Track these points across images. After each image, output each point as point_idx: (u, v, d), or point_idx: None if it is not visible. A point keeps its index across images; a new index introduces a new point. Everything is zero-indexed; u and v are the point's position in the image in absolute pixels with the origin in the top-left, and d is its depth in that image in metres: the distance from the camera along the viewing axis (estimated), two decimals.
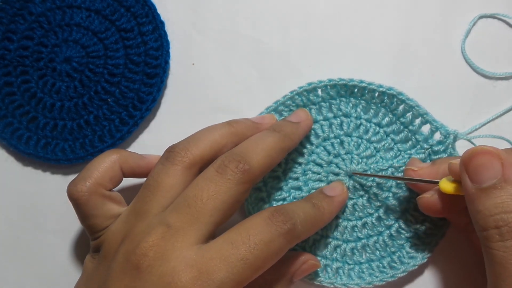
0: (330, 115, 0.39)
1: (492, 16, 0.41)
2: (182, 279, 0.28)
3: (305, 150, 0.39)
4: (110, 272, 0.30)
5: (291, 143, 0.35)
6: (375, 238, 0.38)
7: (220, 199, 0.30)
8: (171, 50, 0.42)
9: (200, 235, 0.30)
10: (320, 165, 0.39)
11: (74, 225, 0.41)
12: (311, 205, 0.34)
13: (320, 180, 0.39)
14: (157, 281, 0.28)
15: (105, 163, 0.34)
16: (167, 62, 0.41)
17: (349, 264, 0.38)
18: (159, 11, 0.42)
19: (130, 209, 0.33)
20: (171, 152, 0.33)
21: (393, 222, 0.38)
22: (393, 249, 0.38)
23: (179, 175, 0.32)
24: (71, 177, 0.41)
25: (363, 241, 0.38)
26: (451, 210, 0.33)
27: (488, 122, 0.39)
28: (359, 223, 0.38)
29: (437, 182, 0.33)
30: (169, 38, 0.42)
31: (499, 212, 0.28)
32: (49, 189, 0.41)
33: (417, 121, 0.38)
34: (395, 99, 0.38)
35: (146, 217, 0.31)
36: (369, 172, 0.38)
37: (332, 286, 0.37)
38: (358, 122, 0.39)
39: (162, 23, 0.42)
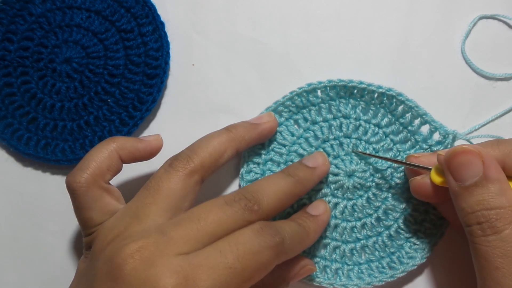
0: (329, 116, 0.40)
1: (492, 17, 0.43)
2: (167, 285, 0.28)
3: (304, 152, 0.40)
4: (96, 272, 0.30)
5: (303, 189, 0.36)
6: (374, 238, 0.39)
7: (224, 228, 0.31)
8: (171, 51, 0.43)
9: (192, 246, 0.30)
10: None
11: (74, 225, 0.42)
12: (297, 224, 0.35)
13: (320, 181, 0.40)
14: (140, 285, 0.28)
15: (103, 153, 0.35)
16: (167, 63, 0.43)
17: (348, 265, 0.39)
18: (159, 12, 0.44)
19: (128, 208, 0.34)
20: (174, 160, 0.35)
21: (392, 222, 0.39)
22: (392, 250, 0.39)
23: (181, 182, 0.34)
24: None
25: (362, 241, 0.40)
26: (440, 195, 0.35)
27: (488, 122, 0.41)
28: (358, 224, 0.40)
29: (430, 169, 0.35)
30: (169, 39, 0.43)
31: (480, 209, 0.31)
32: (49, 189, 0.43)
33: (417, 121, 0.39)
34: (394, 100, 0.39)
35: (143, 220, 0.32)
36: (368, 173, 0.39)
37: (331, 287, 0.38)
38: (357, 123, 0.40)
39: (162, 24, 0.43)
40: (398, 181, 0.39)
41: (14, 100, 0.43)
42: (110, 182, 0.36)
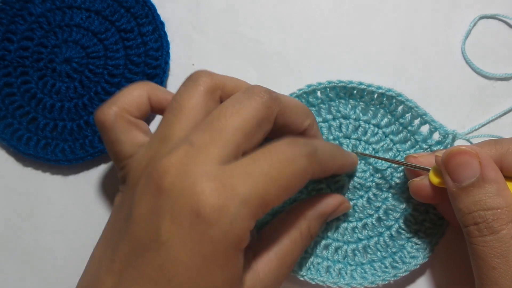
0: (329, 117, 0.41)
1: (492, 17, 0.43)
2: (205, 191, 0.28)
3: None
4: (134, 197, 0.30)
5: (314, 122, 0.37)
6: (376, 239, 0.40)
7: (243, 116, 0.30)
8: (171, 51, 0.44)
9: (223, 154, 0.30)
10: None
11: (74, 225, 0.42)
12: (328, 142, 0.36)
13: (321, 182, 0.40)
14: (181, 195, 0.28)
15: (134, 91, 0.36)
16: (167, 63, 0.43)
17: (351, 265, 0.39)
18: (159, 11, 0.44)
19: (154, 135, 0.34)
20: (194, 74, 0.34)
21: (393, 222, 0.39)
22: (394, 250, 0.39)
23: (202, 96, 0.33)
24: (71, 178, 0.43)
25: (363, 242, 0.40)
26: (439, 196, 0.35)
27: (488, 122, 0.41)
28: (359, 224, 0.40)
29: (428, 169, 0.35)
30: (169, 38, 0.44)
31: (477, 210, 0.31)
32: (49, 189, 0.43)
33: (416, 121, 0.40)
34: (394, 100, 0.40)
35: (170, 140, 0.32)
36: (368, 173, 0.40)
37: (335, 286, 0.38)
38: (357, 123, 0.40)
39: (162, 23, 0.44)
40: (398, 181, 0.39)
41: (14, 100, 0.43)
42: None
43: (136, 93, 0.36)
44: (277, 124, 0.33)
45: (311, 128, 0.36)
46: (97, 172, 0.43)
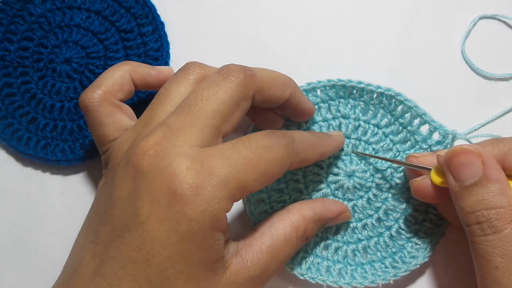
0: (329, 116, 0.41)
1: (492, 17, 0.43)
2: (183, 170, 0.28)
3: None
4: (114, 179, 0.31)
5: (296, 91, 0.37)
6: (376, 239, 0.40)
7: (220, 99, 0.31)
8: (171, 51, 0.44)
9: (201, 137, 0.30)
10: (320, 167, 0.40)
11: (74, 226, 0.42)
12: (309, 132, 0.36)
13: (321, 182, 0.40)
14: (158, 175, 0.29)
15: (116, 73, 0.36)
16: (167, 63, 0.43)
17: (351, 265, 0.39)
18: (159, 12, 0.44)
19: (139, 120, 0.34)
20: (186, 64, 0.35)
21: (392, 223, 0.40)
22: (394, 250, 0.39)
23: (190, 85, 0.34)
24: (71, 178, 0.43)
25: (363, 242, 0.40)
26: (441, 196, 0.35)
27: (487, 123, 0.41)
28: (359, 224, 0.40)
29: (430, 169, 0.35)
30: (169, 39, 0.44)
31: (480, 209, 0.31)
32: (49, 189, 0.43)
33: (416, 121, 0.40)
34: (393, 100, 0.40)
35: (151, 123, 0.32)
36: (368, 173, 0.40)
37: (336, 285, 0.38)
38: (357, 123, 0.40)
39: (162, 24, 0.44)
40: (398, 181, 0.40)
41: (14, 100, 0.43)
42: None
43: (118, 74, 0.36)
44: (256, 100, 0.33)
45: (294, 96, 0.36)
46: (97, 172, 0.43)
